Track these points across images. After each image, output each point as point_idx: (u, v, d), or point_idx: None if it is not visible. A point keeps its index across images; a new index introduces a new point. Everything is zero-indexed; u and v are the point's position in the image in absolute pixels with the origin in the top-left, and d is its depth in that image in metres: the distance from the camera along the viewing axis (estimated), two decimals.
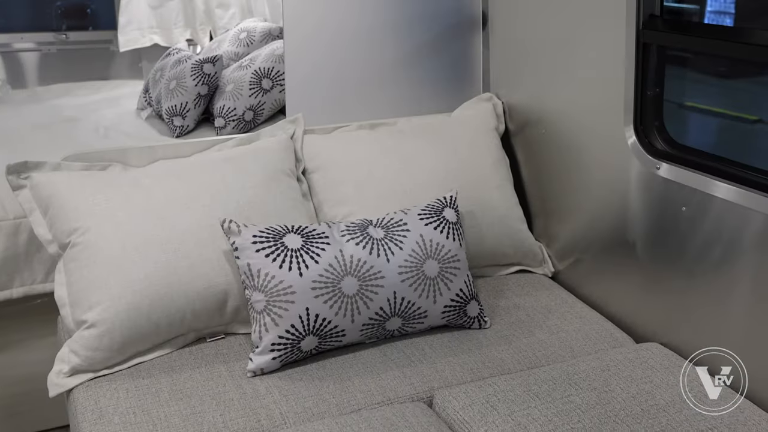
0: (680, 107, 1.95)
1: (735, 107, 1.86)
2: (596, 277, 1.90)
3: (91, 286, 1.53)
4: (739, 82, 1.87)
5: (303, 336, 1.50)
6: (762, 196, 1.42)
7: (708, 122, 1.94)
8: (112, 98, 3.13)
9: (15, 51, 3.69)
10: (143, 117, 2.86)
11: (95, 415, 1.40)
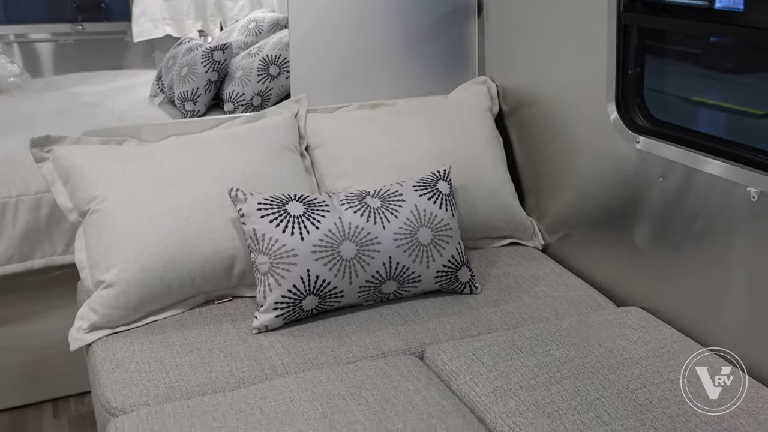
0: (686, 101, 2.03)
1: (742, 102, 1.93)
2: (584, 249, 2.01)
3: (108, 249, 1.66)
4: (747, 77, 1.94)
5: (304, 296, 1.62)
6: (733, 166, 1.52)
7: (714, 116, 2.02)
8: (127, 86, 3.26)
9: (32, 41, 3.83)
10: (156, 103, 2.98)
11: (113, 365, 1.53)
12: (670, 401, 1.38)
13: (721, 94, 2.01)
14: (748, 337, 1.53)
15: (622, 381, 1.44)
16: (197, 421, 1.31)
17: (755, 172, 1.47)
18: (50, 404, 2.42)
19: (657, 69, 1.89)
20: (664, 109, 1.85)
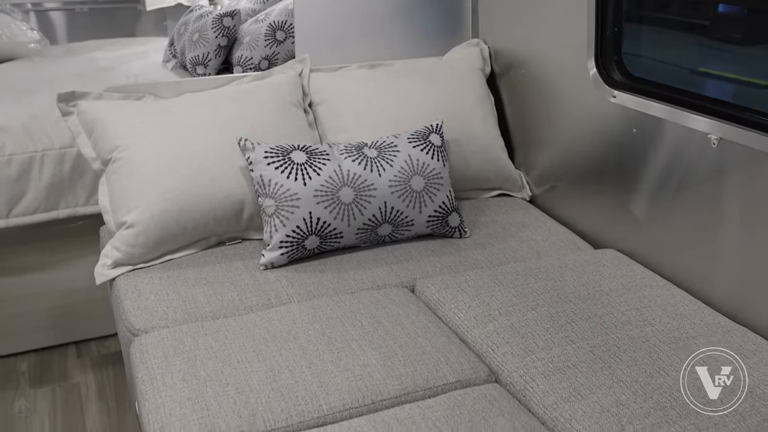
0: (692, 73, 2.11)
1: (748, 73, 2.00)
2: (568, 200, 2.16)
3: (129, 194, 1.83)
4: (754, 48, 2.00)
5: (306, 235, 1.79)
6: (695, 115, 1.67)
7: (719, 86, 2.08)
8: (141, 52, 3.41)
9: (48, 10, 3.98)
10: (169, 68, 3.13)
11: (135, 295, 1.70)
12: (633, 325, 1.54)
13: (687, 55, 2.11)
14: (710, 273, 1.68)
15: (592, 308, 1.60)
16: (210, 339, 1.49)
17: (715, 121, 1.61)
18: (74, 346, 2.60)
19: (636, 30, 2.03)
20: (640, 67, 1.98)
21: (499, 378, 1.44)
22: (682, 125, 1.69)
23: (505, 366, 1.44)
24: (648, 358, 1.43)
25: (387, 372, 1.40)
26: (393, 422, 1.26)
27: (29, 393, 2.37)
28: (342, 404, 1.33)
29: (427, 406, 1.31)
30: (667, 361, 1.42)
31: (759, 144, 1.51)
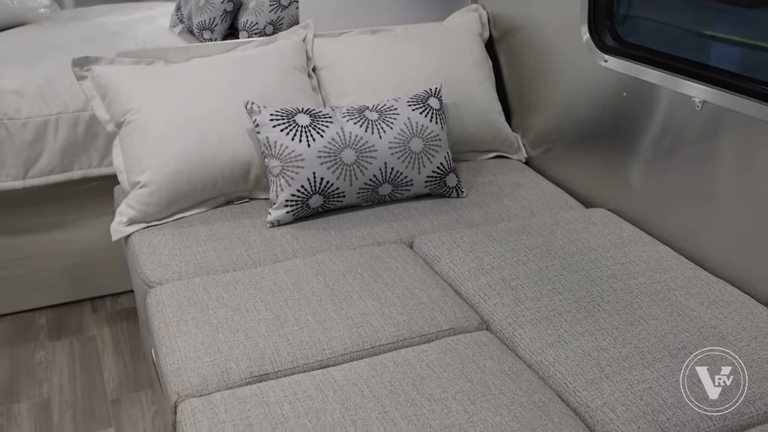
0: (699, 36, 2.15)
1: (754, 36, 2.01)
2: (563, 161, 2.24)
3: (142, 155, 1.92)
4: (762, 11, 2.01)
5: (310, 194, 1.88)
6: (680, 79, 1.74)
7: (725, 50, 2.10)
8: (148, 17, 3.47)
9: None
10: (176, 33, 3.20)
11: (149, 250, 1.80)
12: (617, 278, 1.64)
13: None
14: (695, 230, 1.77)
15: (579, 263, 1.70)
16: (221, 290, 1.59)
17: (698, 84, 1.69)
18: (89, 302, 2.72)
19: None
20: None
21: (490, 326, 1.55)
22: (668, 88, 1.77)
23: (495, 315, 1.54)
24: (629, 308, 1.53)
25: (385, 320, 1.51)
26: (390, 364, 1.37)
27: (48, 345, 2.49)
28: (343, 348, 1.44)
29: (421, 351, 1.42)
30: (647, 311, 1.52)
31: (740, 107, 1.59)
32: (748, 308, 1.54)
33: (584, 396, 1.30)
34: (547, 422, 1.23)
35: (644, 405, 1.27)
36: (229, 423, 1.23)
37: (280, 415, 1.24)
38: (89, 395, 2.26)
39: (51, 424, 2.15)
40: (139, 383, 2.31)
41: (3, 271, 2.53)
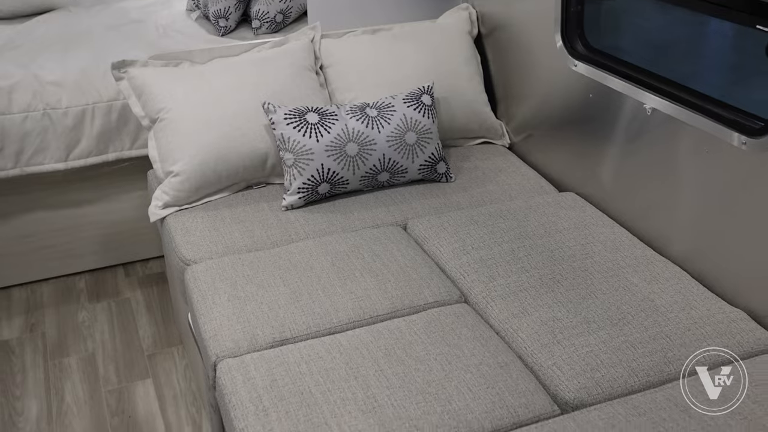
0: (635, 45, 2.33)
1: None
2: (541, 148, 2.54)
3: (174, 148, 2.23)
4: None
5: (319, 183, 2.19)
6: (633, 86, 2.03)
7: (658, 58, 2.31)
8: (165, 1, 3.73)
9: None
10: (193, 18, 3.46)
11: (183, 231, 2.12)
12: (576, 258, 1.95)
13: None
14: (648, 213, 2.08)
15: (546, 244, 2.02)
16: (246, 268, 1.92)
17: (648, 93, 1.98)
18: (122, 267, 3.06)
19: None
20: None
21: (468, 299, 1.88)
22: (624, 94, 2.07)
23: (472, 290, 1.87)
24: (583, 284, 1.85)
25: (382, 294, 1.84)
26: (385, 332, 1.70)
27: (89, 306, 2.84)
28: (347, 318, 1.77)
29: (411, 320, 1.75)
30: (597, 287, 1.84)
31: (681, 115, 1.89)
32: (683, 283, 1.86)
33: (538, 357, 1.64)
34: (507, 378, 1.57)
35: (585, 364, 1.60)
36: (258, 378, 1.57)
37: (298, 372, 1.58)
38: (128, 350, 2.62)
39: (97, 375, 2.51)
40: (171, 340, 2.66)
41: (47, 240, 2.86)
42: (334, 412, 1.47)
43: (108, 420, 2.32)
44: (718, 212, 1.85)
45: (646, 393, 1.53)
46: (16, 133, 2.60)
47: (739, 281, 1.82)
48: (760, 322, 1.75)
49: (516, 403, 1.51)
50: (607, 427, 1.43)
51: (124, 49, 2.88)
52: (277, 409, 1.48)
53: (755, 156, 1.70)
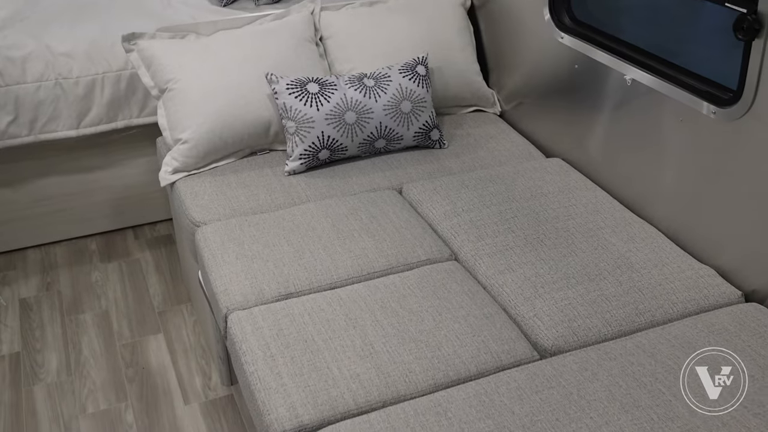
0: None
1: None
2: (530, 116, 2.67)
3: (182, 116, 2.36)
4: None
5: (320, 149, 2.33)
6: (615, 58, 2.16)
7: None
8: None
9: None
10: None
11: (192, 195, 2.27)
12: (559, 219, 2.10)
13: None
14: (629, 177, 2.22)
15: (532, 207, 2.16)
16: (252, 229, 2.07)
17: (629, 64, 2.11)
18: (131, 230, 3.21)
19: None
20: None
21: (458, 257, 2.03)
22: (606, 65, 2.19)
23: (462, 249, 2.02)
24: (564, 243, 2.00)
25: (378, 253, 1.99)
26: (381, 286, 1.85)
27: (101, 267, 2.99)
28: (347, 275, 1.92)
29: (405, 276, 1.90)
30: (577, 246, 1.99)
31: (657, 86, 2.02)
32: (657, 243, 2.01)
33: (521, 309, 1.79)
34: (492, 328, 1.73)
35: (563, 315, 1.76)
36: (266, 328, 1.72)
37: (302, 322, 1.74)
38: (139, 307, 2.78)
39: (111, 330, 2.67)
40: (180, 298, 2.82)
41: (60, 204, 3.01)
42: (334, 358, 1.63)
43: (123, 371, 2.48)
44: (692, 177, 1.99)
45: (617, 341, 1.69)
46: (30, 101, 2.73)
47: (710, 241, 1.97)
48: (726, 278, 1.91)
49: (499, 350, 1.67)
50: (581, 370, 1.59)
51: (130, 19, 2.98)
52: (284, 355, 1.64)
53: (724, 125, 1.84)
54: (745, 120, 1.77)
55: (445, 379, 1.60)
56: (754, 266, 1.85)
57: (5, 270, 2.96)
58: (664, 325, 1.74)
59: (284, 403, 1.53)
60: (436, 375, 1.60)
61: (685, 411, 1.47)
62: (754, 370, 1.56)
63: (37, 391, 2.41)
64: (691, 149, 1.97)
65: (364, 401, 1.54)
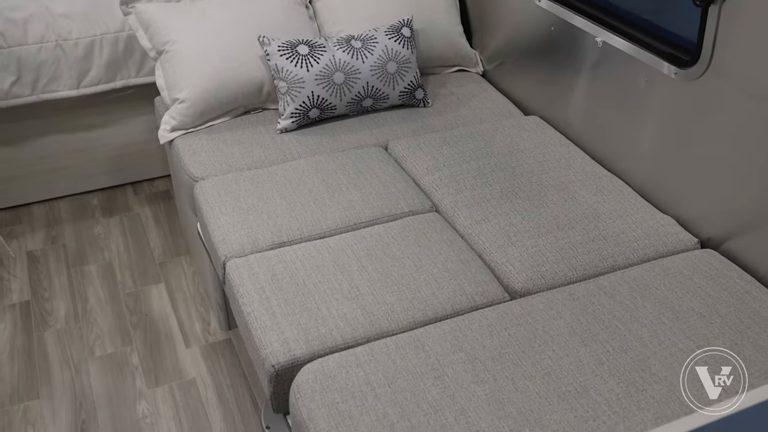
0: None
1: None
2: (511, 75, 2.80)
3: (180, 77, 2.49)
4: None
5: (310, 108, 2.47)
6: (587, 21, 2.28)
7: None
8: None
9: None
10: None
11: (190, 152, 2.41)
12: (533, 173, 2.25)
13: None
14: (602, 135, 2.37)
15: (509, 161, 2.31)
16: (247, 183, 2.22)
17: (599, 27, 2.24)
18: (131, 186, 3.35)
19: None
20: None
21: (438, 209, 2.18)
22: (579, 28, 2.32)
23: (442, 201, 2.17)
24: (537, 196, 2.15)
25: (365, 205, 2.14)
26: (367, 236, 2.01)
27: (104, 221, 3.14)
28: (335, 225, 2.08)
29: (389, 227, 2.06)
30: (549, 198, 2.14)
31: (624, 47, 2.15)
32: (624, 195, 2.17)
33: (495, 256, 1.96)
34: (468, 272, 1.89)
35: (533, 261, 1.92)
36: (261, 274, 1.88)
37: (294, 268, 1.90)
38: (141, 259, 2.94)
39: (115, 280, 2.83)
40: (179, 250, 2.98)
41: (62, 161, 3.15)
42: (324, 299, 1.80)
43: (128, 318, 2.65)
44: (657, 134, 2.14)
45: (581, 283, 1.85)
46: (32, 62, 2.85)
47: (672, 193, 2.12)
48: (685, 227, 2.07)
49: (473, 292, 1.84)
50: (546, 309, 1.75)
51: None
52: (278, 297, 1.80)
53: (684, 84, 1.98)
54: (703, 80, 1.92)
55: (423, 318, 1.77)
56: (710, 216, 2.01)
57: (12, 224, 3.11)
58: (625, 269, 1.91)
59: (278, 339, 1.70)
60: (416, 314, 1.77)
61: (638, 344, 1.65)
62: (702, 308, 1.73)
63: (48, 336, 2.58)
64: (656, 108, 2.12)
65: (351, 337, 1.71)
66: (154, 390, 2.36)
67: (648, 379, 1.56)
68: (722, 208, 1.96)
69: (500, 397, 1.52)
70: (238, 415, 2.27)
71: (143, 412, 2.29)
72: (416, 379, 1.56)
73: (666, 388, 1.54)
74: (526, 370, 1.58)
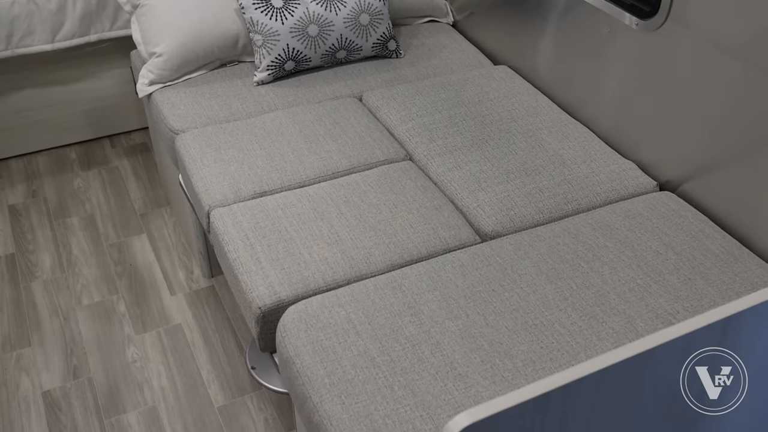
0: None
1: None
2: (481, 25, 2.87)
3: (156, 31, 2.52)
4: None
5: (285, 60, 2.53)
6: None
7: None
8: None
9: None
10: None
11: (169, 105, 2.46)
12: (502, 122, 2.35)
13: None
14: (568, 84, 2.47)
15: (480, 110, 2.40)
16: (227, 135, 2.29)
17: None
18: (108, 139, 3.40)
19: None
20: None
21: (412, 157, 2.28)
22: None
23: (416, 150, 2.27)
24: (506, 143, 2.26)
25: (341, 154, 2.23)
26: (344, 184, 2.10)
27: (83, 174, 3.19)
28: (314, 174, 2.17)
29: (365, 175, 2.15)
30: (517, 145, 2.25)
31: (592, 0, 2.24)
32: (588, 141, 2.28)
33: (466, 201, 2.06)
34: (441, 217, 2.00)
35: (502, 206, 2.03)
36: (244, 222, 1.97)
37: (276, 216, 1.99)
38: (122, 211, 3.01)
39: (98, 232, 2.90)
40: (159, 201, 3.05)
41: (39, 115, 3.17)
42: (305, 245, 1.90)
43: (113, 268, 2.73)
44: (620, 82, 2.24)
45: (547, 226, 1.97)
46: (5, 16, 2.85)
47: (633, 139, 2.24)
48: (645, 171, 2.19)
49: (446, 235, 1.95)
50: (515, 250, 1.87)
51: None
52: (261, 244, 1.90)
53: (645, 35, 2.08)
54: (662, 30, 2.02)
55: (400, 260, 1.88)
56: (669, 160, 2.13)
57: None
58: (588, 211, 2.03)
59: (264, 283, 1.80)
60: (393, 257, 1.88)
61: (599, 280, 1.78)
62: (659, 246, 1.86)
63: (35, 287, 2.66)
64: (619, 58, 2.22)
65: (332, 280, 1.82)
66: (142, 335, 2.46)
67: (608, 312, 1.69)
68: (680, 153, 2.08)
69: (472, 332, 1.64)
70: (224, 357, 2.38)
71: (132, 357, 2.39)
72: (394, 316, 1.68)
73: (624, 320, 1.67)
74: (496, 307, 1.71)
